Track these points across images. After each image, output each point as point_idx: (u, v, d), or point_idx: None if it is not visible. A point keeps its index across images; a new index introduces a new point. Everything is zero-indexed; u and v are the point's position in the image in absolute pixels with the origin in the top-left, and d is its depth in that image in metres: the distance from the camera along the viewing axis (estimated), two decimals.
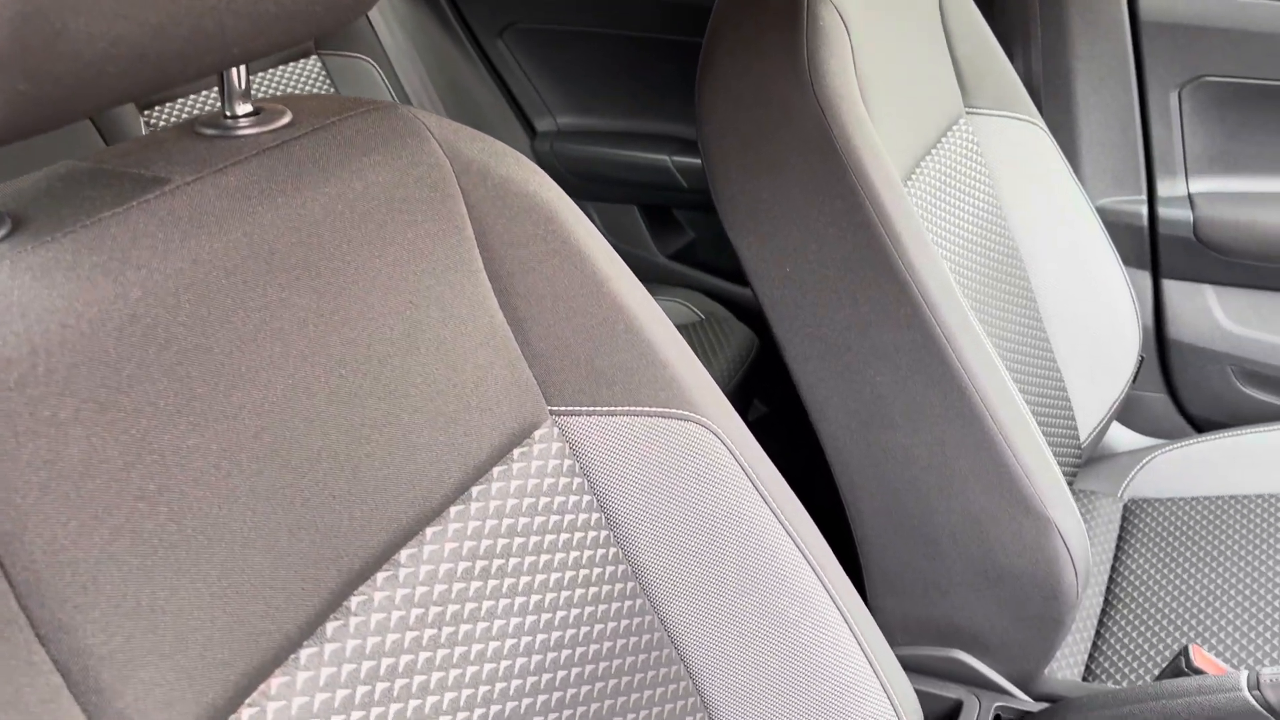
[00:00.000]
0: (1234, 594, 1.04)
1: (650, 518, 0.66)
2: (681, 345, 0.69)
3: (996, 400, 0.88)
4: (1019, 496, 0.89)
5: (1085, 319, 1.23)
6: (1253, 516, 1.14)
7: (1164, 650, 1.02)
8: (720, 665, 0.67)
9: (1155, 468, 1.26)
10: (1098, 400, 1.24)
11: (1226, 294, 1.38)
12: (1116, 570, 1.14)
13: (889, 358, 0.88)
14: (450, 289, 0.58)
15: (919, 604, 0.98)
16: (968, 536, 0.92)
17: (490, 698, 0.56)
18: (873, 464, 0.94)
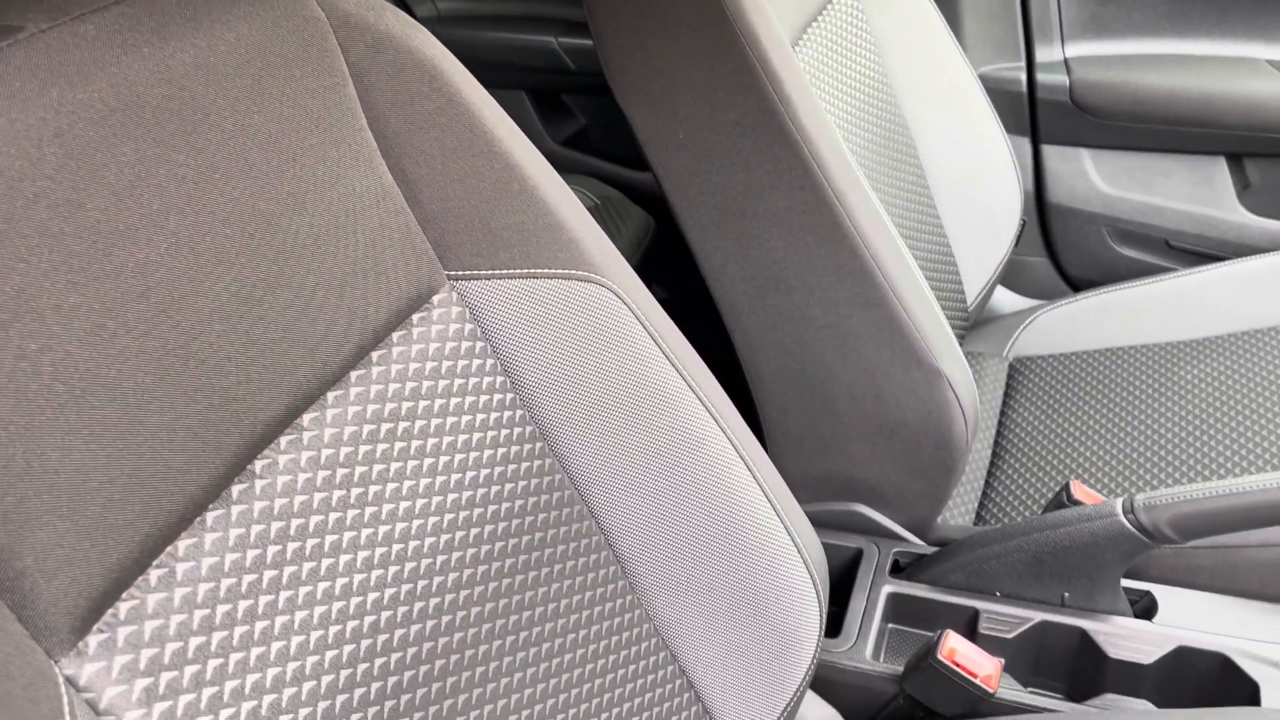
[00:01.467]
0: (1111, 436, 1.11)
1: (555, 380, 0.66)
2: (579, 207, 0.69)
3: (887, 258, 0.90)
4: (910, 350, 0.91)
5: (970, 185, 1.27)
6: (1126, 366, 1.20)
7: (1048, 493, 1.08)
8: (632, 521, 0.69)
9: (1037, 327, 1.32)
10: (983, 264, 1.28)
11: (1101, 157, 1.43)
12: (1003, 424, 1.20)
13: (782, 221, 0.89)
14: (335, 148, 0.57)
15: (820, 461, 1.01)
16: (864, 392, 0.95)
17: (404, 555, 0.56)
18: (771, 328, 0.96)
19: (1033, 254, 1.51)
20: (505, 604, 0.62)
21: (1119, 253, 1.46)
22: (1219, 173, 1.39)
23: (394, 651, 0.54)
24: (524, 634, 0.62)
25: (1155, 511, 0.83)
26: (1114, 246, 1.46)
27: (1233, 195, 1.39)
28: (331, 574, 0.52)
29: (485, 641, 0.60)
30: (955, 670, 0.80)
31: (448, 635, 0.58)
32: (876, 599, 0.95)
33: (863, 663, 0.89)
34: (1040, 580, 0.90)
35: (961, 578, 0.94)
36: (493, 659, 0.60)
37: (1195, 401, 1.10)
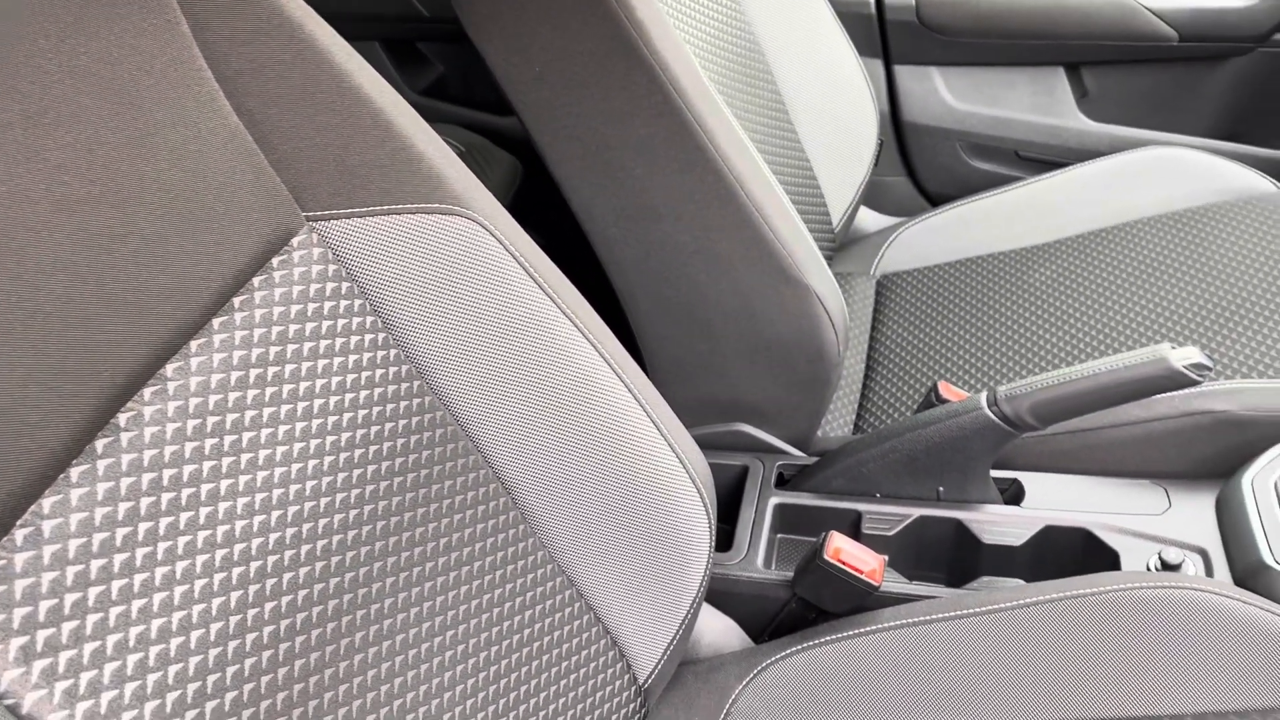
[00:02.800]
0: (974, 338, 1.16)
1: (427, 317, 0.66)
2: (439, 141, 0.68)
3: (751, 180, 0.92)
4: (779, 268, 0.94)
5: (827, 108, 1.29)
6: (984, 273, 1.25)
7: (919, 398, 1.13)
8: (518, 452, 0.69)
9: (900, 244, 1.36)
10: (845, 185, 1.32)
11: (950, 74, 1.48)
12: (874, 338, 1.24)
13: (646, 149, 0.90)
14: (175, 89, 0.55)
15: (701, 385, 1.03)
16: (737, 314, 0.97)
17: (286, 500, 0.56)
18: (643, 258, 0.97)
19: (892, 173, 1.56)
20: (395, 542, 0.62)
21: (973, 166, 1.52)
22: (1059, 83, 1.45)
23: (284, 595, 0.54)
24: (417, 569, 0.63)
25: (1016, 401, 0.88)
26: (967, 160, 1.52)
27: (1073, 104, 1.46)
28: (212, 522, 0.52)
29: (378, 579, 0.60)
30: (842, 569, 0.83)
31: (339, 575, 0.58)
32: (764, 511, 0.98)
33: (755, 572, 0.92)
34: (916, 478, 0.95)
35: (843, 483, 0.97)
36: (386, 596, 0.60)
37: (1048, 300, 1.16)
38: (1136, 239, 1.20)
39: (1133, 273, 1.15)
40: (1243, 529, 0.87)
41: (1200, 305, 1.08)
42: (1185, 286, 1.11)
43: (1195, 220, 1.19)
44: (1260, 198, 1.21)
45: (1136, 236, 1.20)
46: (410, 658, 0.61)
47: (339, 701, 0.56)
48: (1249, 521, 0.87)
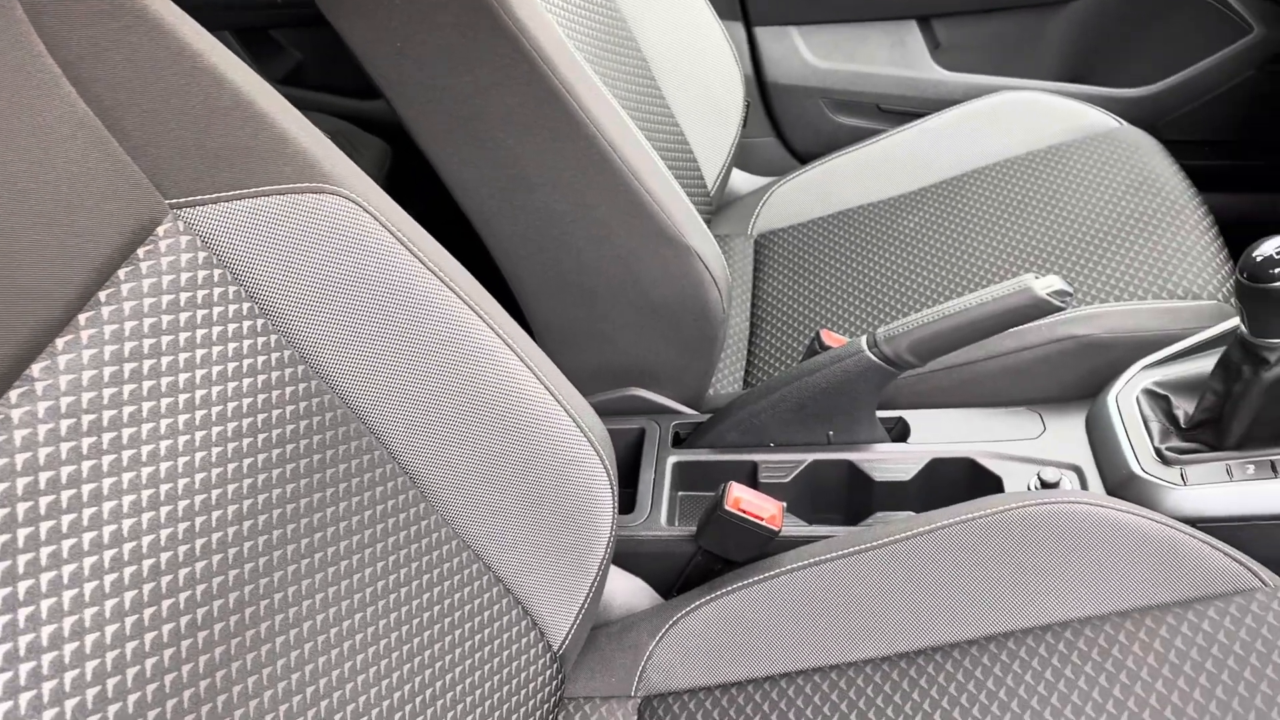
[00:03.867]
0: (851, 287, 1.19)
1: (306, 299, 0.64)
2: (302, 119, 0.66)
3: (623, 144, 0.92)
4: (659, 230, 0.95)
5: (693, 73, 1.31)
6: (856, 224, 1.29)
7: (804, 349, 1.15)
8: (413, 430, 0.68)
9: (774, 203, 1.39)
10: (716, 148, 1.34)
11: (809, 32, 1.51)
12: (756, 296, 1.26)
13: (515, 119, 0.89)
14: (15, 76, 0.52)
15: (592, 353, 1.04)
16: (621, 279, 0.98)
17: (174, 495, 0.54)
18: (523, 230, 0.96)
19: (760, 134, 1.59)
20: (293, 530, 0.61)
21: (837, 122, 1.55)
22: (912, 36, 1.50)
23: (181, 591, 0.52)
24: (318, 555, 0.62)
25: (895, 341, 0.91)
26: (832, 117, 1.55)
27: (927, 55, 1.51)
28: (97, 523, 0.50)
29: (279, 569, 0.59)
30: (743, 517, 0.85)
31: (237, 568, 0.56)
32: (663, 471, 0.99)
33: (659, 530, 0.93)
34: (806, 424, 0.97)
35: (737, 436, 0.99)
36: (289, 585, 0.59)
37: (918, 244, 1.20)
38: (995, 180, 1.25)
39: (994, 212, 1.20)
40: (1111, 444, 0.92)
41: (1059, 237, 1.13)
42: (1044, 221, 1.16)
43: (1048, 159, 1.25)
44: (1105, 134, 1.27)
45: (995, 178, 1.25)
46: (319, 644, 0.60)
47: (249, 694, 0.55)
48: (1116, 436, 0.92)
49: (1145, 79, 1.53)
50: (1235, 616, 0.73)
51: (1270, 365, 0.83)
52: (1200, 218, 1.13)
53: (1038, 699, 0.72)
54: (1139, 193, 1.16)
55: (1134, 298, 1.04)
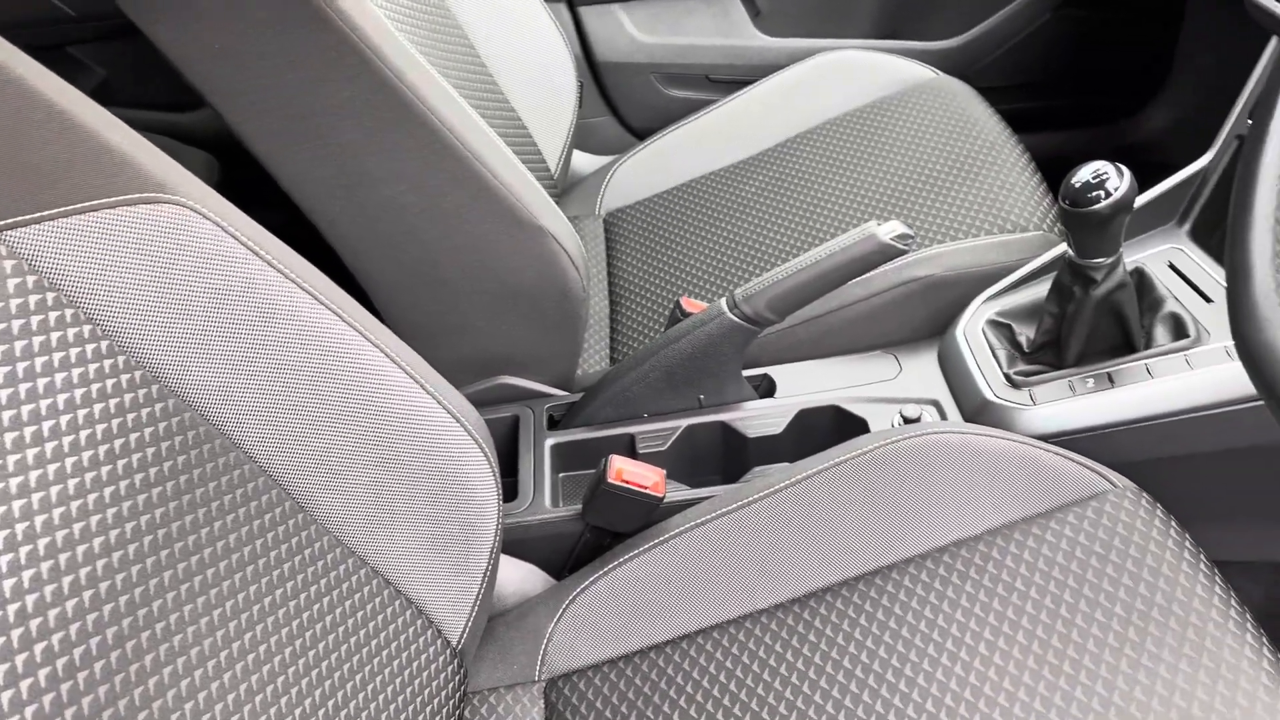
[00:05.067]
0: (704, 255, 1.21)
1: (149, 316, 0.61)
2: (125, 128, 0.63)
3: (464, 130, 0.91)
4: (509, 214, 0.94)
5: (523, 57, 1.30)
6: (700, 193, 1.31)
7: (666, 319, 1.17)
8: (281, 439, 0.66)
9: (618, 181, 1.40)
10: (554, 131, 1.33)
11: (633, 9, 1.52)
12: (613, 274, 1.27)
13: (349, 112, 0.87)
14: None
15: (455, 346, 1.02)
16: (476, 267, 0.96)
17: (33, 534, 0.51)
18: (369, 226, 0.94)
19: (596, 114, 1.59)
20: (168, 556, 0.58)
21: (670, 95, 1.57)
22: (734, 5, 1.53)
23: (54, 633, 0.49)
24: (197, 579, 0.59)
25: (753, 300, 0.93)
26: (664, 91, 1.57)
27: (749, 23, 1.54)
28: None
29: (157, 597, 0.56)
30: (626, 488, 0.86)
31: (112, 601, 0.53)
32: (542, 454, 0.99)
33: (545, 513, 0.93)
34: (676, 391, 0.98)
35: (611, 411, 1.00)
36: (170, 612, 0.56)
37: (763, 206, 1.23)
38: (827, 138, 1.29)
39: (831, 168, 1.24)
40: (963, 375, 0.97)
41: (893, 186, 1.18)
42: (877, 172, 1.21)
43: (875, 113, 1.30)
44: (924, 84, 1.33)
45: (828, 136, 1.29)
46: (210, 670, 0.58)
47: None
48: (967, 367, 0.97)
49: (954, 31, 1.60)
50: (1092, 519, 0.78)
51: (1098, 284, 0.89)
52: (1019, 156, 1.20)
53: (925, 623, 0.75)
54: (961, 137, 1.22)
55: (969, 236, 1.09)
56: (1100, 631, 0.72)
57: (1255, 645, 0.69)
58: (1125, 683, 0.69)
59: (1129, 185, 0.83)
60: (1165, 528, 0.77)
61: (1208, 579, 0.74)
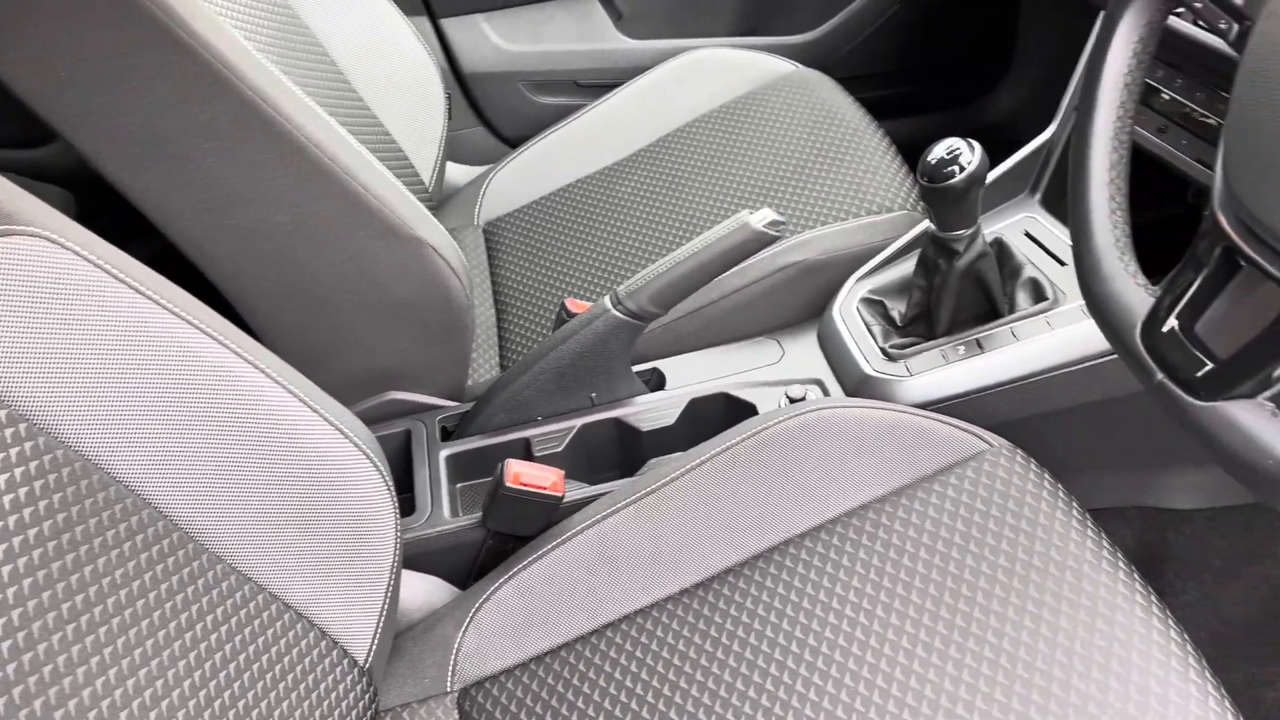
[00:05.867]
0: (586, 257, 1.22)
1: (14, 353, 0.59)
2: None
3: (332, 145, 0.90)
4: (386, 227, 0.93)
5: (388, 72, 1.29)
6: (578, 197, 1.32)
7: (553, 322, 1.17)
8: (164, 471, 0.64)
9: (494, 190, 1.39)
10: (426, 144, 1.32)
11: (495, 18, 1.53)
12: (497, 282, 1.27)
13: (211, 134, 0.85)
14: None
15: (338, 365, 1.01)
16: (355, 282, 0.95)
17: None
18: (240, 249, 0.92)
19: (467, 125, 1.59)
20: (50, 598, 0.56)
21: (540, 103, 1.58)
22: (594, 9, 1.54)
23: None
24: (84, 618, 0.57)
25: (637, 295, 0.95)
26: (533, 98, 1.58)
27: (611, 27, 1.56)
28: None
29: (41, 640, 0.54)
30: (525, 490, 0.86)
31: (14, 661, 0.51)
32: (437, 466, 0.98)
33: (445, 525, 0.93)
34: (568, 391, 0.99)
35: (504, 417, 1.00)
36: (57, 654, 0.54)
37: (640, 205, 1.25)
38: (697, 135, 1.31)
39: (703, 163, 1.27)
40: (842, 352, 1.00)
41: (763, 177, 1.21)
42: (747, 164, 1.24)
43: (741, 107, 1.33)
44: (786, 77, 1.36)
45: (697, 133, 1.32)
46: (106, 709, 0.56)
47: None
48: (845, 345, 1.00)
49: (810, 24, 1.65)
50: (972, 478, 0.82)
51: (960, 255, 0.93)
52: (880, 141, 1.24)
53: (824, 593, 0.78)
54: (824, 126, 1.26)
55: (837, 220, 1.13)
56: (987, 584, 0.75)
57: (1128, 583, 0.74)
58: (1014, 629, 0.72)
59: (980, 159, 0.88)
60: (1040, 481, 0.81)
61: (1080, 526, 0.78)
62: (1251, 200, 0.52)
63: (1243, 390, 0.52)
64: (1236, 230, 0.53)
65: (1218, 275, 0.54)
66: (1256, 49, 0.53)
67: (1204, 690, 0.67)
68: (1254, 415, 0.51)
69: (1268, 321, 0.51)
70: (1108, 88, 0.63)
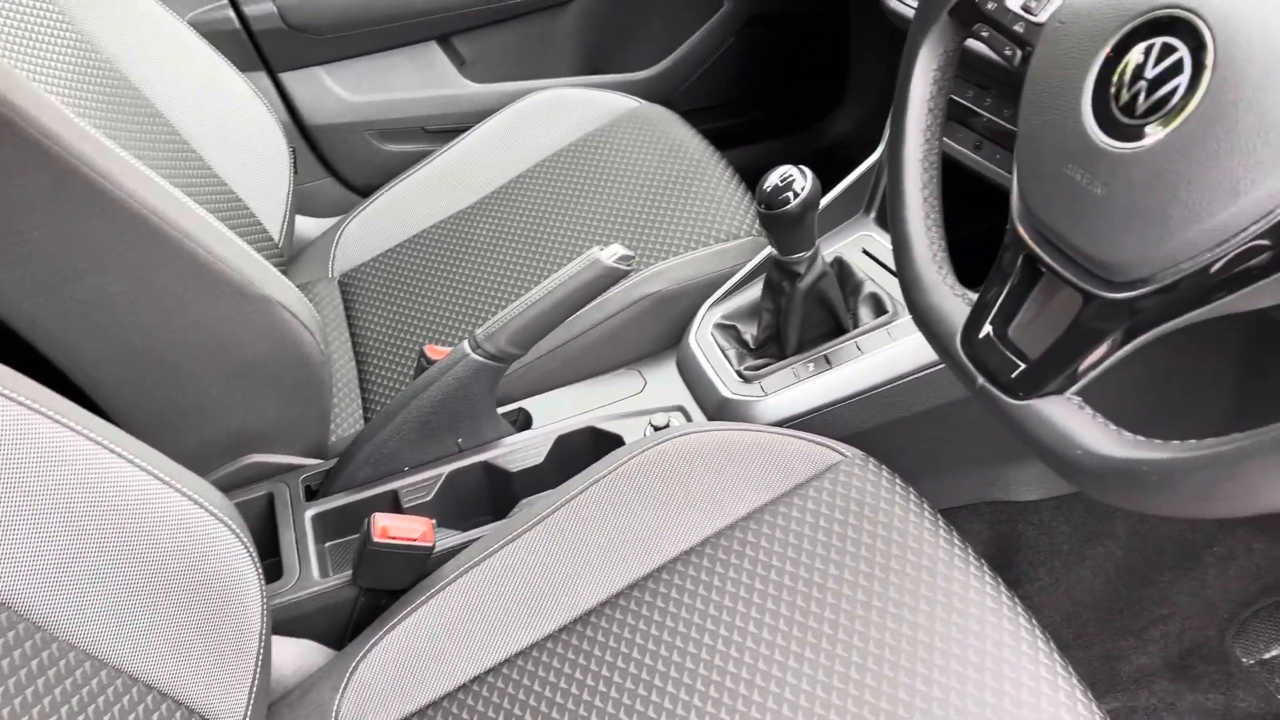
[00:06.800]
0: (444, 302, 1.22)
1: None
2: None
3: (168, 209, 0.88)
4: (233, 289, 0.91)
5: (228, 131, 1.27)
6: (433, 242, 1.32)
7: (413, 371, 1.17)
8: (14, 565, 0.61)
9: (347, 241, 1.38)
10: (272, 200, 1.30)
11: (336, 70, 1.52)
12: (355, 335, 1.25)
13: (38, 207, 0.82)
14: None
15: (193, 432, 0.98)
16: (205, 346, 0.93)
17: None
18: (80, 322, 0.89)
19: (315, 178, 1.57)
20: None
21: (389, 151, 1.57)
22: (437, 56, 1.55)
23: None
24: None
25: (495, 337, 0.95)
26: (381, 147, 1.57)
27: (455, 72, 1.57)
28: None
29: None
30: (393, 544, 0.85)
31: None
32: (303, 528, 0.96)
33: (314, 586, 0.91)
34: (433, 439, 0.99)
35: (369, 471, 0.99)
36: None
37: (495, 246, 1.26)
38: (548, 174, 1.33)
39: (555, 203, 1.28)
40: (701, 378, 1.03)
41: (614, 212, 1.24)
42: (598, 201, 1.26)
43: (588, 145, 1.35)
44: (631, 113, 1.40)
45: (547, 172, 1.34)
46: None
47: None
48: (703, 371, 1.03)
49: (650, 61, 1.70)
50: (830, 489, 0.85)
51: (802, 277, 0.97)
52: (723, 171, 1.28)
53: (699, 615, 0.79)
54: (670, 159, 1.29)
55: (688, 249, 1.16)
56: (850, 590, 0.78)
57: (979, 577, 0.78)
58: (877, 630, 0.75)
59: (813, 184, 0.92)
60: (892, 486, 0.85)
61: (933, 526, 0.82)
62: (1043, 212, 0.56)
63: (1052, 388, 0.56)
64: (1035, 240, 0.57)
65: (1023, 283, 0.59)
66: (1035, 73, 0.58)
67: (1053, 671, 0.71)
68: (1063, 410, 0.55)
69: (1068, 322, 0.55)
70: (913, 113, 0.67)
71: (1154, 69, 0.50)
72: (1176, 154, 0.49)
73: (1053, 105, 0.55)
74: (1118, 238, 0.51)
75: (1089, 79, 0.54)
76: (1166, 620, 1.16)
